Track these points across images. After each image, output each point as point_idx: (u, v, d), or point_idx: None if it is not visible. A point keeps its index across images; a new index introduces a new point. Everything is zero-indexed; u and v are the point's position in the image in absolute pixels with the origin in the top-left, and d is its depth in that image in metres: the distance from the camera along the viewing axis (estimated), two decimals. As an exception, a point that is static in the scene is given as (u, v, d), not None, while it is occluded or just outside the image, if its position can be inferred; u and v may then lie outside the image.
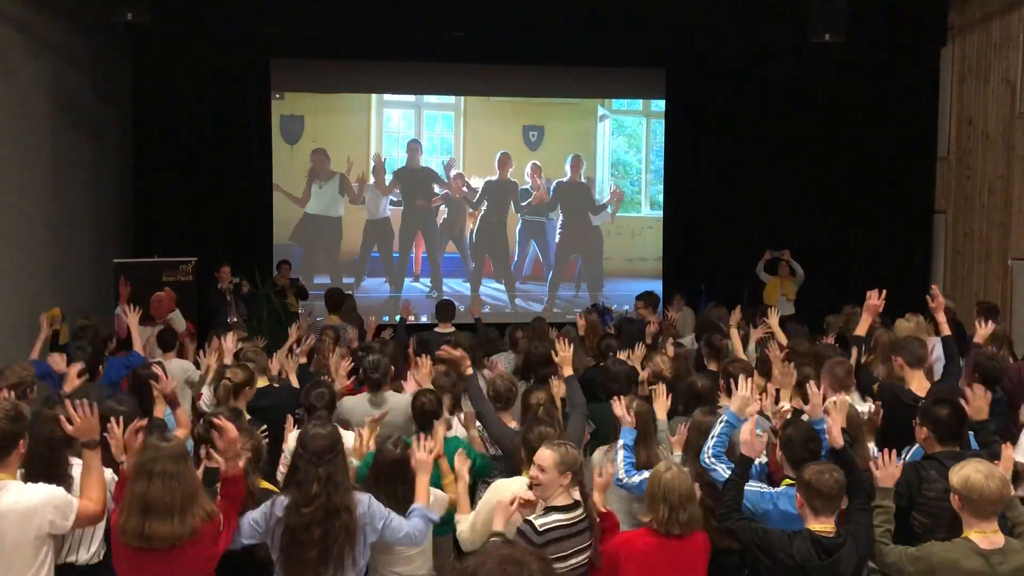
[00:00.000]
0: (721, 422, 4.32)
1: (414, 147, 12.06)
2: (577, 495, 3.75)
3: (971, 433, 4.46)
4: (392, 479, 4.00)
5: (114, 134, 10.83)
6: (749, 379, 4.74)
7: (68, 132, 9.55)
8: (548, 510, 3.69)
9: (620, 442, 4.53)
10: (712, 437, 4.28)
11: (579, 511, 3.73)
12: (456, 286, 12.26)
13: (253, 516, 3.74)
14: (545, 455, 3.70)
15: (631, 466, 4.46)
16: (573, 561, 3.67)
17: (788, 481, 4.14)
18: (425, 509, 3.90)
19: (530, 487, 3.73)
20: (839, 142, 11.63)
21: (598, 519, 3.83)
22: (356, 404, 5.50)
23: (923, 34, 10.89)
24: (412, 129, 12.10)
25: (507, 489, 3.93)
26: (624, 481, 4.40)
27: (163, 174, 11.00)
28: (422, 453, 4.00)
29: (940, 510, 3.91)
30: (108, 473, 3.82)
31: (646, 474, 4.18)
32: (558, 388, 5.49)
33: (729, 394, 4.96)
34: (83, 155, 10.01)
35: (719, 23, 10.34)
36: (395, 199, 12.07)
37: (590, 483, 4.04)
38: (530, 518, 3.66)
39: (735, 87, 11.88)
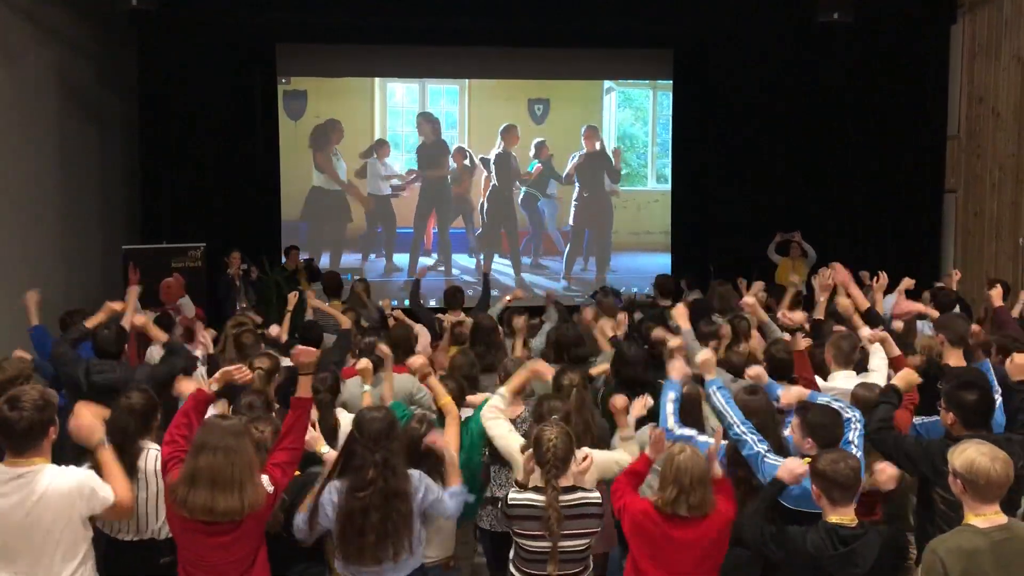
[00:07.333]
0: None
1: (424, 119, 11.99)
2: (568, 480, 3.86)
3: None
4: (418, 457, 4.01)
5: (120, 121, 10.83)
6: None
7: (75, 119, 9.57)
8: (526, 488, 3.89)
9: (671, 394, 4.46)
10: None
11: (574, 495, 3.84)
12: (464, 261, 12.30)
13: (323, 502, 3.74)
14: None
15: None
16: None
17: (807, 460, 4.09)
18: (462, 490, 3.93)
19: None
20: (848, 121, 11.53)
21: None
22: (350, 386, 5.43)
23: (932, 11, 10.76)
24: (416, 104, 12.06)
25: None
26: (675, 433, 4.31)
27: (170, 160, 10.99)
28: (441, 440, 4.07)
29: None
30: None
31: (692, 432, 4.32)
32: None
33: (771, 375, 4.87)
34: (90, 142, 10.03)
35: (727, 3, 10.25)
36: (396, 183, 12.03)
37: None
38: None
39: (743, 68, 11.78)
